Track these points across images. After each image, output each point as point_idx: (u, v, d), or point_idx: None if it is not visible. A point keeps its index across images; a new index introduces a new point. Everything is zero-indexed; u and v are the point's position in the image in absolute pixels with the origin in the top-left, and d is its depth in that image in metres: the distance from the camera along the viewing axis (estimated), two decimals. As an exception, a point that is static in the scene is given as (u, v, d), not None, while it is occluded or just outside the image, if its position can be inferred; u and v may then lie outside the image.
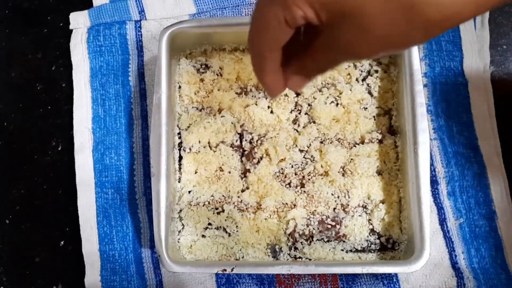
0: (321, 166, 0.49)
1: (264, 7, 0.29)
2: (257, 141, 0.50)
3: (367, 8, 0.25)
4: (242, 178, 0.50)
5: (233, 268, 0.45)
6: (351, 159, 0.49)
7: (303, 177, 0.49)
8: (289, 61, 0.33)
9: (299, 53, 0.32)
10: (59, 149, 0.56)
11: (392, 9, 0.25)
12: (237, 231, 0.49)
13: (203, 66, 0.52)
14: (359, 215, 0.48)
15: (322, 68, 0.32)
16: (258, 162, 0.49)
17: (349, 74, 0.51)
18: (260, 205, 0.48)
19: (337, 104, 0.50)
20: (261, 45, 0.30)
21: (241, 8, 0.55)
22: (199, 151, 0.50)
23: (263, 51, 0.31)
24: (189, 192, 0.50)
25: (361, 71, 0.51)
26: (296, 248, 0.48)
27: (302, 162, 0.49)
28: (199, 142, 0.50)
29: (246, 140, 0.50)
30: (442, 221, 0.50)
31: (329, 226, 0.48)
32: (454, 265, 0.50)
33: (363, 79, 0.51)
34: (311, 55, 0.31)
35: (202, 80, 0.52)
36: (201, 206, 0.49)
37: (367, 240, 0.48)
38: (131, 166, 0.53)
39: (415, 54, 0.47)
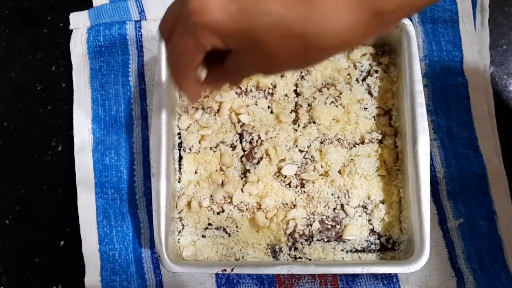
0: (321, 166, 0.49)
1: (177, 35, 0.32)
2: (257, 141, 0.50)
3: (269, 40, 0.29)
4: (242, 178, 0.50)
5: (233, 268, 0.45)
6: (351, 159, 0.49)
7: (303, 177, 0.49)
8: (209, 66, 0.37)
9: (213, 67, 0.36)
10: (59, 149, 0.56)
11: (289, 41, 0.29)
12: (237, 231, 0.48)
13: (203, 66, 0.52)
14: (359, 215, 0.48)
15: (233, 81, 0.39)
16: (258, 162, 0.49)
17: (349, 74, 0.51)
18: (260, 205, 0.48)
19: (337, 104, 0.50)
20: (178, 67, 0.34)
21: (241, 8, 0.55)
22: (199, 151, 0.50)
23: (181, 71, 0.35)
24: (189, 192, 0.50)
25: (361, 71, 0.51)
26: (296, 248, 0.48)
27: (302, 162, 0.49)
28: (199, 142, 0.50)
29: (246, 140, 0.50)
30: (442, 221, 0.50)
31: (329, 226, 0.48)
32: (454, 265, 0.50)
33: (363, 79, 0.51)
34: (224, 72, 0.35)
35: (202, 80, 0.52)
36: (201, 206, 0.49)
37: (367, 240, 0.48)
38: (131, 166, 0.53)
39: (415, 54, 0.47)
